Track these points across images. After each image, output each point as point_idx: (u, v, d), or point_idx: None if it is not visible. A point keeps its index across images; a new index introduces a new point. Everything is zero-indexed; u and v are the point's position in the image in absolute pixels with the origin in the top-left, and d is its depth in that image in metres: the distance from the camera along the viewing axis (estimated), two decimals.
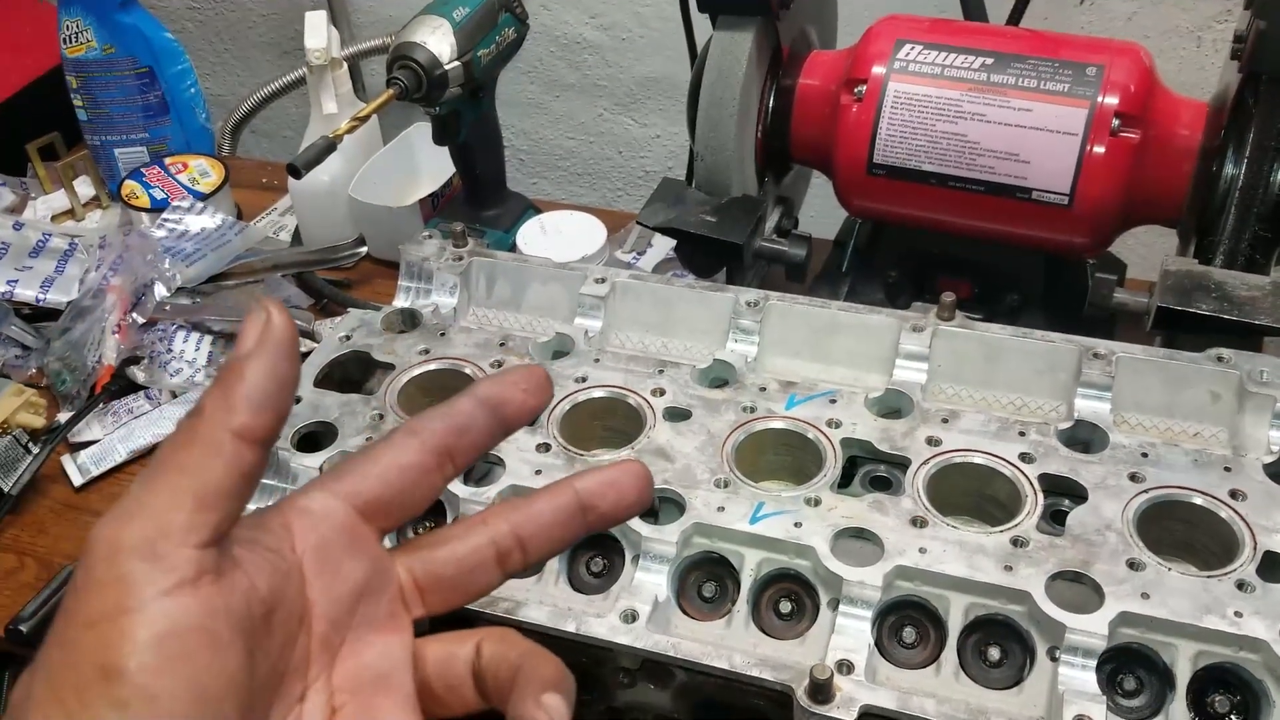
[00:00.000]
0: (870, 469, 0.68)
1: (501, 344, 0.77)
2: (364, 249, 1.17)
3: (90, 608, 0.32)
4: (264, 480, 0.64)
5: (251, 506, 0.38)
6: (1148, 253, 1.21)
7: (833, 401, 0.69)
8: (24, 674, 0.33)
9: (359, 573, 0.40)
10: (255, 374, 0.36)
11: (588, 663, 0.60)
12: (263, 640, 0.36)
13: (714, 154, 0.91)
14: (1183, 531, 0.62)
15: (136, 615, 0.32)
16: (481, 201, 1.16)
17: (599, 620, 0.58)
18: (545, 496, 0.44)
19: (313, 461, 0.67)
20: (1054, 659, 0.55)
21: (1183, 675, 0.55)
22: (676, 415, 0.69)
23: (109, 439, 0.97)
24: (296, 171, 0.93)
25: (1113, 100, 0.80)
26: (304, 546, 0.39)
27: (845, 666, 0.55)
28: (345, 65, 1.19)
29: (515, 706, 0.38)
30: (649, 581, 0.60)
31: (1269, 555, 0.58)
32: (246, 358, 0.36)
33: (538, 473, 0.65)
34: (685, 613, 0.61)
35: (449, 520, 0.65)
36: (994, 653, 0.57)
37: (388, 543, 0.43)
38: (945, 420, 0.68)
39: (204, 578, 0.33)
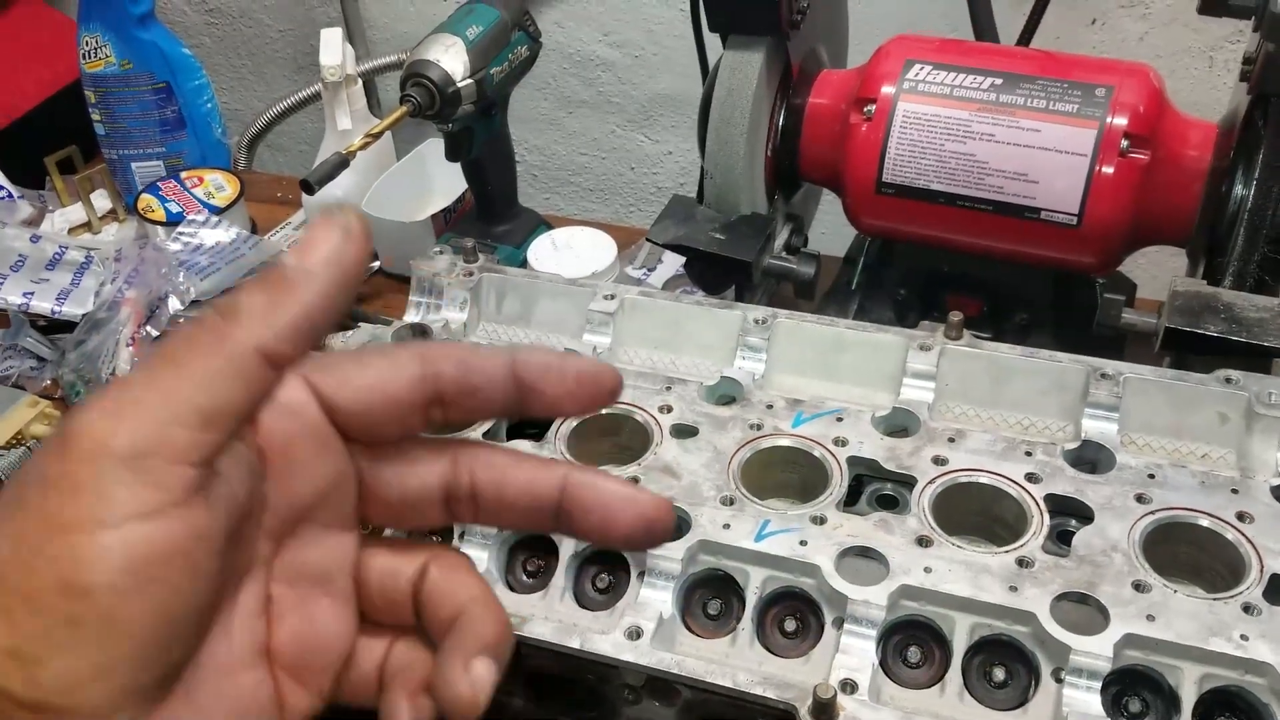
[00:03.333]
0: (876, 487, 0.68)
1: None
2: (376, 263, 1.18)
3: (61, 509, 0.29)
4: None
5: None
6: (1157, 273, 1.20)
7: (839, 420, 0.70)
8: None
9: (322, 477, 0.35)
10: (311, 299, 0.32)
11: (593, 679, 0.60)
12: (231, 553, 0.32)
13: (724, 172, 0.91)
14: (1189, 553, 0.62)
15: (113, 533, 0.29)
16: (493, 217, 1.16)
17: (604, 637, 0.59)
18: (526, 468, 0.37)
19: None
20: (1059, 680, 0.55)
21: (1188, 698, 0.55)
22: (683, 432, 0.70)
23: None
24: (310, 187, 0.94)
25: (1122, 121, 0.80)
26: (269, 439, 0.33)
27: (849, 686, 0.55)
28: (360, 82, 1.20)
29: (443, 661, 0.34)
30: (654, 598, 0.61)
31: (1276, 578, 0.58)
32: (306, 277, 0.32)
33: None
34: (690, 630, 0.61)
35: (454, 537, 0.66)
36: (999, 673, 0.57)
37: None
38: (952, 439, 0.68)
39: (192, 498, 0.30)
